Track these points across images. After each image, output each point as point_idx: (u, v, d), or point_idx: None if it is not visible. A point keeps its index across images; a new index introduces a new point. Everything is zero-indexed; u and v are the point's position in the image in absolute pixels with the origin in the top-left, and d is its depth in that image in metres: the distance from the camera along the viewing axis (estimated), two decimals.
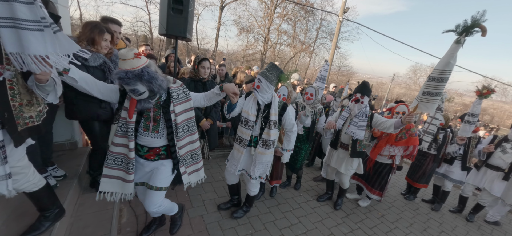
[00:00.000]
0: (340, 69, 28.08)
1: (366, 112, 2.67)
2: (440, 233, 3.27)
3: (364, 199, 3.49)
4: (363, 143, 2.73)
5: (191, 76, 2.62)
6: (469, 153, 3.55)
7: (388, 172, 3.15)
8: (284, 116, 2.16)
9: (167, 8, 2.20)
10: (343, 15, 7.61)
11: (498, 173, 3.42)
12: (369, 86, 2.72)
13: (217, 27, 17.47)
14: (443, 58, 1.90)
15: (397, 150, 2.99)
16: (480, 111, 3.20)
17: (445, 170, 3.76)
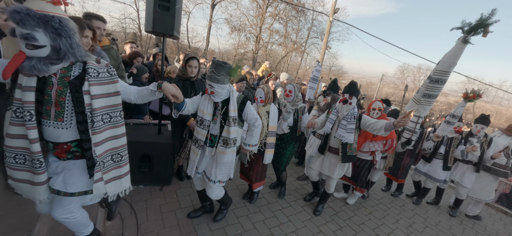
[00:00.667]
0: (331, 69, 28.46)
1: (354, 114, 2.56)
2: (425, 228, 3.37)
3: (352, 197, 3.52)
4: (353, 146, 2.63)
5: (179, 74, 2.58)
6: (451, 153, 3.66)
7: (369, 168, 3.19)
8: (245, 111, 2.03)
9: (153, 5, 2.14)
10: (333, 16, 7.70)
11: (468, 166, 3.65)
12: (357, 86, 2.64)
13: (208, 26, 17.29)
14: (447, 59, 1.73)
15: (377, 145, 3.02)
16: (462, 114, 3.31)
17: (427, 170, 3.88)
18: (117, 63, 2.51)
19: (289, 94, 2.78)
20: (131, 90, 1.51)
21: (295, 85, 2.83)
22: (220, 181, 2.11)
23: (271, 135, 2.61)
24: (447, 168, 3.69)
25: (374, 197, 3.96)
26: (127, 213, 2.38)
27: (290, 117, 2.82)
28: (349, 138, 2.55)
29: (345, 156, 2.64)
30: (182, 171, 3.20)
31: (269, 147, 2.62)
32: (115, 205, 1.84)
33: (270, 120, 2.57)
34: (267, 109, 2.56)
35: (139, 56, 3.55)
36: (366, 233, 2.95)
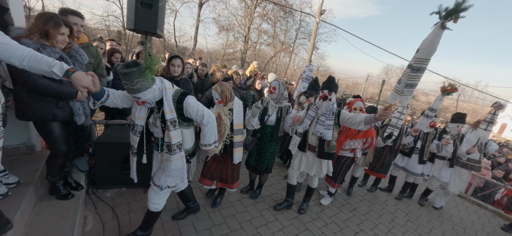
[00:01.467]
0: (319, 69, 28.96)
1: (333, 110, 2.49)
2: (406, 222, 3.51)
3: (326, 197, 3.47)
4: (332, 143, 2.56)
5: (163, 74, 2.52)
6: (426, 147, 3.85)
7: (349, 165, 3.21)
8: (185, 109, 1.71)
9: (135, 2, 2.08)
10: (319, 17, 7.84)
11: (444, 162, 3.87)
12: (335, 81, 2.55)
13: (196, 25, 17.07)
14: (426, 46, 1.67)
15: (357, 143, 3.06)
16: (439, 107, 3.51)
17: (405, 164, 4.06)
18: (97, 62, 2.42)
19: (273, 91, 2.64)
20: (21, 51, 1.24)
21: (281, 82, 2.70)
22: (169, 186, 1.94)
23: (238, 133, 2.41)
24: (423, 162, 3.90)
25: (359, 193, 4.06)
26: (108, 217, 2.30)
27: (273, 116, 2.67)
28: (327, 135, 2.48)
29: (322, 152, 2.57)
30: None
31: (237, 145, 2.42)
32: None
33: (235, 117, 2.38)
34: (229, 107, 2.37)
35: (116, 53, 3.42)
36: (350, 228, 3.02)
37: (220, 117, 2.28)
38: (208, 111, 1.82)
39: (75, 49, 1.95)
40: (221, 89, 2.26)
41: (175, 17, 16.38)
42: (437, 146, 3.76)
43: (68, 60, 1.86)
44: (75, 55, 1.94)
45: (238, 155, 2.44)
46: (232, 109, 2.37)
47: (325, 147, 2.54)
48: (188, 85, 2.71)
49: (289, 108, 2.78)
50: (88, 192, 2.55)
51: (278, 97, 2.64)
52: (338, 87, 2.80)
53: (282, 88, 2.65)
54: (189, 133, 1.88)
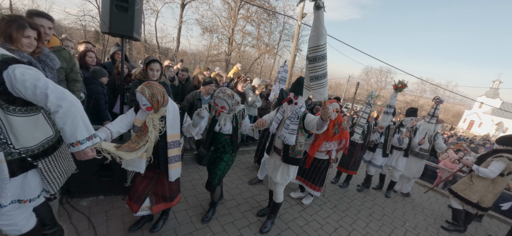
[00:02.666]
0: (302, 71, 29.54)
1: (299, 114, 2.33)
2: (383, 216, 3.70)
3: (307, 197, 3.52)
4: (297, 148, 2.39)
5: (140, 78, 2.48)
6: (389, 141, 4.16)
7: (326, 167, 3.23)
8: (10, 85, 1.20)
9: (110, 5, 2.03)
10: (301, 20, 8.04)
11: (400, 152, 4.25)
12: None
13: (178, 26, 16.76)
14: (313, 33, 1.62)
15: (332, 144, 3.11)
16: (395, 103, 3.89)
17: (371, 157, 4.35)
18: (70, 66, 2.33)
19: (223, 111, 2.25)
20: None
21: (227, 95, 2.20)
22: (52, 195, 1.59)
23: (174, 145, 1.99)
24: (386, 155, 4.22)
25: (340, 191, 4.22)
26: (84, 227, 2.21)
27: (203, 121, 2.19)
28: (290, 140, 2.32)
29: (287, 157, 2.40)
30: None
31: (173, 160, 2.02)
32: None
33: (169, 126, 1.93)
34: (162, 114, 1.89)
35: (89, 52, 3.30)
36: (331, 225, 3.14)
37: (144, 127, 1.81)
38: (58, 90, 1.24)
39: (45, 53, 1.88)
40: (151, 92, 1.73)
41: (156, 18, 16.01)
42: (398, 139, 4.09)
43: (37, 65, 1.78)
44: (45, 60, 1.87)
45: (175, 171, 2.06)
46: (165, 117, 1.90)
47: (290, 151, 2.38)
48: (166, 89, 2.67)
49: (244, 111, 2.47)
50: (62, 202, 2.44)
51: (231, 107, 2.24)
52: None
53: (231, 101, 2.22)
54: (26, 123, 1.30)
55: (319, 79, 1.68)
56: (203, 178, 3.54)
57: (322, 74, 1.67)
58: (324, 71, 1.67)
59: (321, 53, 1.63)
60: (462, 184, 3.53)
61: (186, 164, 3.89)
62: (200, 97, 3.57)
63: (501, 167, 3.14)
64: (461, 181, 3.60)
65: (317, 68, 1.66)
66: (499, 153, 3.23)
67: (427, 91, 41.97)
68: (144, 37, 16.03)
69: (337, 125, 3.03)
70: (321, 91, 1.71)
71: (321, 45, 1.61)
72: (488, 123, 34.53)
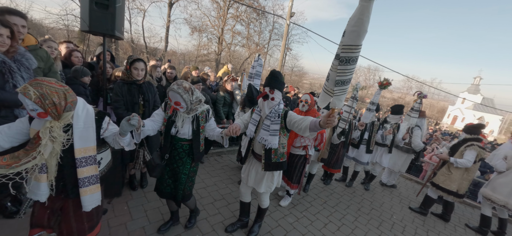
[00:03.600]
0: (293, 70, 29.79)
1: (279, 112, 2.04)
2: (371, 210, 3.78)
3: (285, 198, 3.34)
4: (279, 151, 2.10)
5: (123, 77, 2.41)
6: (372, 138, 4.24)
7: (303, 163, 3.03)
8: None
9: (89, 2, 1.96)
10: (289, 19, 8.09)
11: (384, 149, 4.35)
12: (281, 77, 2.05)
13: (166, 25, 16.47)
14: (353, 27, 1.28)
15: (307, 140, 2.96)
16: (378, 100, 3.94)
17: (356, 154, 4.40)
18: (47, 65, 2.23)
19: (179, 108, 1.89)
20: None
21: (187, 89, 1.86)
22: None
23: (87, 162, 1.44)
24: (369, 151, 4.28)
25: (329, 187, 4.28)
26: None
27: (185, 126, 1.96)
28: (272, 142, 2.03)
29: (269, 163, 2.10)
30: (134, 180, 2.99)
31: (87, 183, 1.45)
32: None
33: (78, 137, 1.40)
34: (66, 121, 1.36)
35: (75, 51, 3.19)
36: (321, 221, 3.18)
37: (38, 138, 1.28)
38: None
39: (20, 53, 1.79)
40: (40, 92, 1.23)
41: (143, 17, 15.63)
42: (382, 136, 4.18)
43: (12, 65, 1.70)
44: (20, 59, 1.78)
45: (91, 197, 1.48)
46: (72, 125, 1.38)
47: (272, 156, 2.09)
48: (151, 89, 2.62)
49: (208, 113, 2.09)
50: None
51: (189, 107, 1.91)
52: (284, 84, 2.53)
53: (188, 97, 1.85)
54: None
55: (345, 84, 1.41)
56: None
57: (348, 79, 1.41)
58: (351, 76, 1.41)
59: (356, 54, 1.33)
60: (442, 175, 3.67)
61: None
62: None
63: (474, 155, 3.35)
64: (440, 172, 3.73)
65: (346, 72, 1.38)
66: (469, 141, 3.46)
67: (413, 89, 43.27)
68: (131, 37, 15.65)
69: None
70: (341, 98, 1.45)
71: (359, 45, 1.32)
72: (470, 117, 36.03)
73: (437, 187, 3.70)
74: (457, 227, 3.79)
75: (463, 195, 3.58)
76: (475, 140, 3.45)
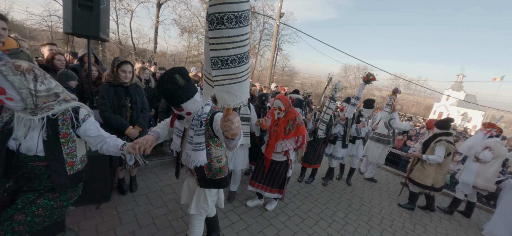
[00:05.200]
0: (284, 70, 30.01)
1: (203, 118, 1.55)
2: (361, 206, 3.87)
3: (270, 202, 3.21)
4: (214, 166, 1.68)
5: (109, 80, 2.36)
6: (347, 132, 4.24)
7: (285, 169, 2.91)
8: None
9: (72, 4, 1.91)
10: (279, 20, 8.15)
11: (360, 141, 4.45)
12: (181, 80, 1.39)
13: (155, 26, 16.21)
14: None
15: (289, 143, 2.77)
16: (362, 95, 4.01)
17: (332, 150, 4.37)
18: None
19: (9, 104, 1.23)
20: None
21: (8, 65, 1.20)
22: None
23: None
24: (345, 146, 4.28)
25: (319, 185, 4.35)
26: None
27: (29, 135, 1.29)
28: (198, 159, 1.58)
29: (204, 179, 1.71)
30: (124, 184, 2.94)
31: None
32: None
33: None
34: None
35: (58, 54, 3.10)
36: (312, 218, 3.22)
37: None
38: None
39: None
40: None
41: (131, 18, 15.33)
42: (356, 129, 4.21)
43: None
44: None
45: None
46: None
47: (206, 172, 1.69)
48: (139, 91, 2.58)
49: (79, 112, 1.42)
50: None
51: (31, 106, 1.25)
52: (192, 81, 2.21)
53: (24, 82, 1.20)
54: None
55: (228, 65, 0.80)
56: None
57: (232, 56, 0.79)
58: (237, 49, 0.79)
59: (234, 10, 0.73)
60: (417, 171, 3.85)
61: (165, 167, 3.80)
62: None
63: (443, 151, 3.55)
64: (415, 168, 3.91)
65: (225, 41, 0.77)
66: (438, 137, 3.65)
67: (401, 86, 44.51)
68: (118, 38, 15.31)
69: (291, 120, 2.75)
70: (233, 89, 0.84)
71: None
72: (455, 113, 37.40)
73: (414, 183, 3.88)
74: (442, 220, 3.93)
75: (440, 188, 3.77)
76: (444, 135, 3.64)
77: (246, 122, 2.94)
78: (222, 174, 1.74)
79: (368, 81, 3.76)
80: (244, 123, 2.91)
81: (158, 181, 3.40)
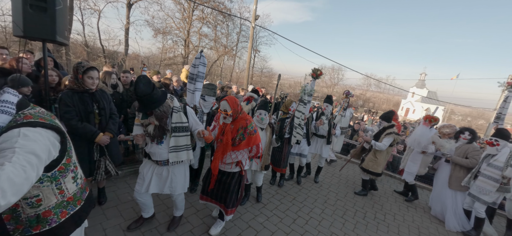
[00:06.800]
0: (262, 71, 30.31)
1: None
2: (336, 201, 4.04)
3: (216, 224, 2.71)
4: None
5: (72, 87, 2.19)
6: (309, 130, 4.35)
7: (238, 181, 2.53)
8: None
9: (22, 4, 1.74)
10: (254, 22, 8.22)
11: (324, 139, 4.48)
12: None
13: (125, 27, 15.40)
14: None
15: (240, 155, 2.41)
16: (313, 92, 3.98)
17: (299, 150, 4.34)
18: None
19: None
20: None
21: None
22: None
23: None
24: (309, 143, 4.37)
25: (296, 184, 4.46)
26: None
27: None
28: None
29: None
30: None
31: None
32: None
33: None
34: None
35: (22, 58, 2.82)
36: (290, 217, 3.29)
37: None
38: None
39: None
40: None
41: (98, 18, 14.37)
42: (314, 126, 4.34)
43: None
44: None
45: None
46: None
47: None
48: (106, 97, 2.43)
49: None
50: None
51: None
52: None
53: None
54: None
55: None
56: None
57: None
58: None
59: None
60: (371, 161, 4.19)
61: None
62: None
63: (390, 141, 4.00)
64: (368, 158, 4.24)
65: None
66: (387, 129, 4.07)
67: (372, 85, 47.48)
68: (85, 40, 14.28)
69: (241, 129, 2.31)
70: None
71: None
72: (419, 109, 40.75)
73: (367, 172, 4.24)
74: (409, 208, 4.25)
75: (381, 174, 4.29)
76: (390, 127, 4.08)
77: (183, 132, 2.20)
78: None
79: (316, 76, 3.82)
80: (180, 134, 2.18)
81: (130, 190, 3.23)
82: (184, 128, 2.19)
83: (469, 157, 3.61)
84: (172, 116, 2.11)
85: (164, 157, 2.17)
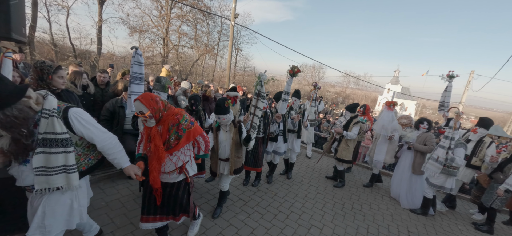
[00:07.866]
0: (245, 70, 30.27)
1: None
2: (316, 194, 4.16)
3: (191, 226, 2.58)
4: None
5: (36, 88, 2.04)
6: (286, 127, 4.31)
7: (185, 190, 2.20)
8: None
9: None
10: (234, 20, 8.17)
11: (294, 134, 4.46)
12: None
13: (98, 25, 14.56)
14: None
15: (182, 155, 2.07)
16: (290, 89, 3.86)
17: (275, 147, 4.27)
18: None
19: None
20: None
21: None
22: None
23: None
24: (286, 140, 4.33)
25: (279, 179, 4.53)
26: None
27: None
28: None
29: None
30: None
31: None
32: None
33: None
34: None
35: None
36: (271, 213, 3.33)
37: None
38: None
39: None
40: None
41: (67, 15, 13.40)
42: (292, 123, 4.35)
43: None
44: None
45: None
46: None
47: None
48: (73, 97, 2.30)
49: None
50: None
51: None
52: None
53: None
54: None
55: None
56: (134, 193, 3.22)
57: None
58: None
59: None
60: (344, 151, 4.44)
61: (113, 180, 3.46)
62: (122, 104, 3.20)
63: (358, 129, 4.33)
64: (341, 147, 4.47)
65: None
66: (354, 120, 4.37)
67: (351, 82, 49.39)
68: (52, 38, 13.28)
69: (173, 127, 1.95)
70: None
71: None
72: None
73: (342, 161, 4.48)
74: (384, 197, 4.50)
75: (352, 161, 4.64)
76: (355, 117, 4.41)
77: (58, 146, 1.56)
78: None
79: (294, 74, 3.68)
80: (52, 150, 1.56)
81: (104, 196, 3.08)
82: (60, 141, 1.53)
83: (427, 144, 3.98)
84: (40, 123, 1.48)
85: (28, 182, 1.51)
